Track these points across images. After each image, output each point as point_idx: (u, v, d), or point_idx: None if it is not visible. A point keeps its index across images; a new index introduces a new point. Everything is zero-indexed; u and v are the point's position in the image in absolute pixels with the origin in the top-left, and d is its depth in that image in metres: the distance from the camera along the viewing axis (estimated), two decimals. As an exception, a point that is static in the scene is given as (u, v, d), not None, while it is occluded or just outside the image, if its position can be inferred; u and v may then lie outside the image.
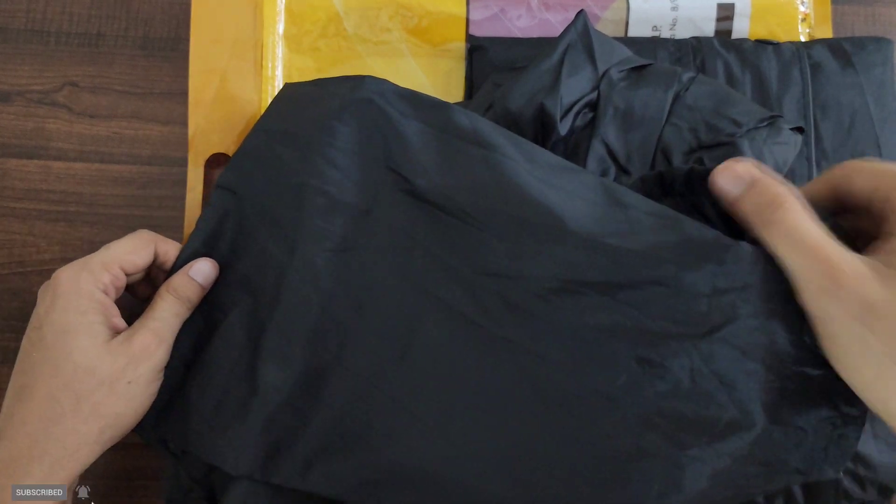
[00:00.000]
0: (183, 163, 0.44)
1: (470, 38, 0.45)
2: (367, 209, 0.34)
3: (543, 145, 0.37)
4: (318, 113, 0.35)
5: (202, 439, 0.34)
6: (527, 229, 0.32)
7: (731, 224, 0.31)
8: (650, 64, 0.39)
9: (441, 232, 0.33)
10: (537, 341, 0.31)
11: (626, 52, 0.40)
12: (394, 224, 0.34)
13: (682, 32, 0.45)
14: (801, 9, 0.46)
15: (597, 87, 0.38)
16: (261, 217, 0.35)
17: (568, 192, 0.33)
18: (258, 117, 0.38)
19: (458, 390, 0.32)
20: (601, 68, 0.38)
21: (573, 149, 0.38)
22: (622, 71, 0.39)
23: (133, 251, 0.34)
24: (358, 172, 0.35)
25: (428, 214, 0.34)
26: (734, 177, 0.29)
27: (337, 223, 0.34)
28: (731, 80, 0.42)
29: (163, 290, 0.34)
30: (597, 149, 0.38)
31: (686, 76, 0.39)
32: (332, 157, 0.35)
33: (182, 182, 0.43)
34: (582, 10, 0.40)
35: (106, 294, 0.33)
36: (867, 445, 0.39)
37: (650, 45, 0.43)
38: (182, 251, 0.36)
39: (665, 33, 0.45)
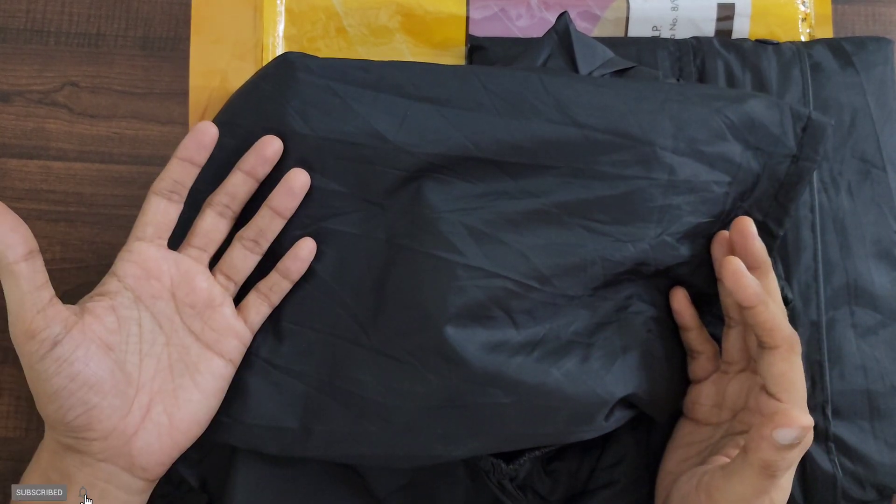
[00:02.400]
0: (183, 163, 0.44)
1: (470, 37, 0.45)
2: (322, 185, 0.36)
3: None
4: (254, 100, 0.36)
5: (223, 427, 0.35)
6: (500, 168, 0.35)
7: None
8: (633, 66, 0.40)
9: (403, 187, 0.35)
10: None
11: (609, 54, 0.40)
12: (352, 191, 0.36)
13: (683, 32, 0.45)
14: (802, 8, 0.46)
15: None
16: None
17: (527, 133, 0.35)
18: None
19: None
20: (583, 72, 0.39)
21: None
22: (604, 74, 0.39)
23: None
24: (306, 151, 0.35)
25: (390, 175, 0.35)
26: (791, 430, 0.29)
27: None
28: (731, 80, 0.42)
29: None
30: None
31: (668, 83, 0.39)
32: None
33: (182, 182, 0.43)
34: (564, 13, 0.40)
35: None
36: (867, 446, 0.39)
37: (650, 45, 0.43)
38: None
39: (665, 33, 0.45)
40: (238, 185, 0.35)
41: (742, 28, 0.46)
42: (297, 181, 0.35)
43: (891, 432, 0.39)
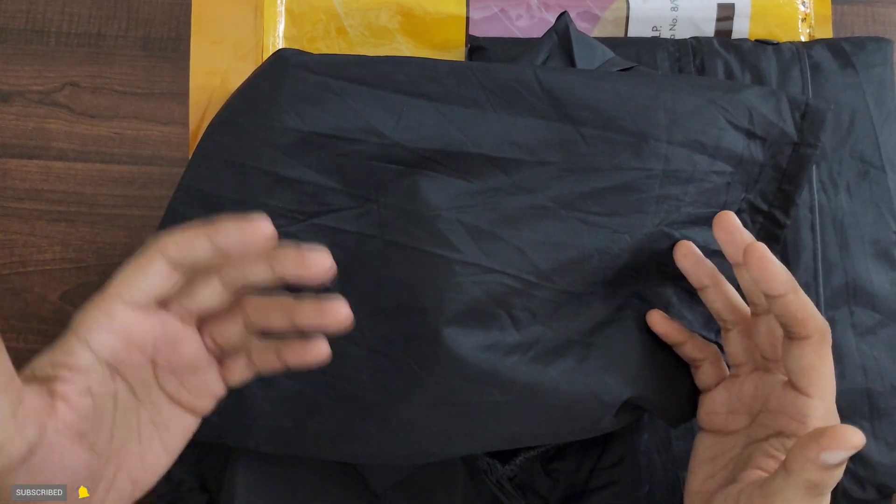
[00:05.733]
0: (183, 163, 0.44)
1: (470, 38, 0.45)
2: (317, 181, 0.35)
3: None
4: (251, 98, 0.36)
5: (215, 427, 0.35)
6: (495, 165, 0.35)
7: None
8: (632, 66, 0.40)
9: (398, 184, 0.35)
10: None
11: (609, 54, 0.40)
12: (348, 188, 0.35)
13: (682, 32, 0.45)
14: (801, 9, 0.47)
15: None
16: (206, 204, 0.36)
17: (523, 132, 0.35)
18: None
19: None
20: None
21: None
22: None
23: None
24: (302, 146, 0.35)
25: (386, 172, 0.35)
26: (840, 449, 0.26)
27: (285, 198, 0.35)
28: (730, 80, 0.42)
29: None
30: None
31: None
32: (267, 136, 0.35)
33: (182, 182, 0.43)
34: (564, 13, 0.40)
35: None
36: (867, 445, 0.39)
37: (650, 46, 0.43)
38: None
39: (665, 33, 0.45)
40: (258, 276, 0.29)
41: (742, 28, 0.46)
42: (338, 316, 0.29)
43: (890, 432, 0.39)
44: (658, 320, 0.35)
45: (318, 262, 0.28)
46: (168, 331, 0.28)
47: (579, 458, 0.39)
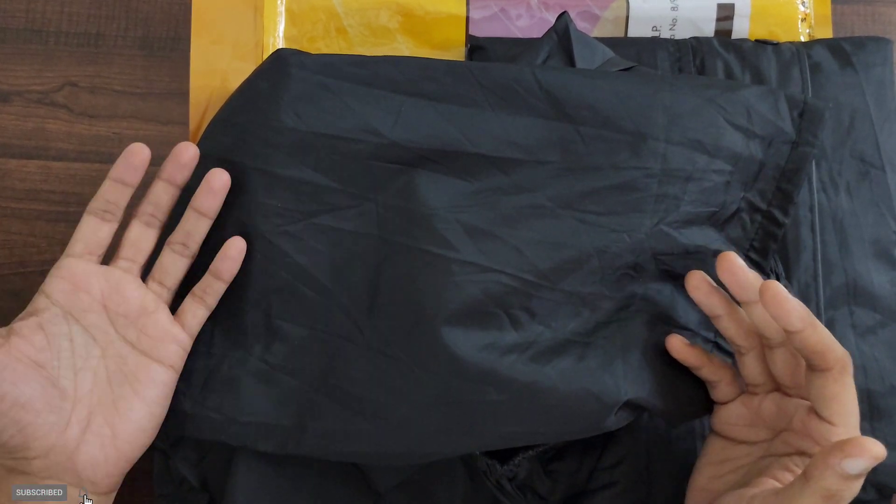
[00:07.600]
0: (183, 163, 0.44)
1: (470, 38, 0.45)
2: (315, 180, 0.35)
3: None
4: (250, 98, 0.36)
5: (216, 425, 0.35)
6: (493, 164, 0.35)
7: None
8: (632, 66, 0.40)
9: (396, 183, 0.35)
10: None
11: (609, 54, 0.40)
12: (346, 187, 0.36)
13: (682, 32, 0.45)
14: (801, 9, 0.47)
15: None
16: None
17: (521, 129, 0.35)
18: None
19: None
20: None
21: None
22: None
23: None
24: (300, 146, 0.35)
25: (384, 171, 0.35)
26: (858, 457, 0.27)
27: (284, 197, 0.35)
28: (730, 80, 0.42)
29: None
30: None
31: None
32: (266, 136, 0.35)
33: (182, 182, 0.43)
34: (564, 13, 0.40)
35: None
36: (866, 445, 0.39)
37: (650, 46, 0.43)
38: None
39: (665, 33, 0.45)
40: (160, 194, 0.36)
41: (742, 28, 0.46)
42: (218, 181, 0.35)
43: (890, 432, 0.39)
44: (677, 346, 0.35)
45: (184, 149, 0.35)
46: (111, 278, 0.34)
47: (579, 458, 0.39)
